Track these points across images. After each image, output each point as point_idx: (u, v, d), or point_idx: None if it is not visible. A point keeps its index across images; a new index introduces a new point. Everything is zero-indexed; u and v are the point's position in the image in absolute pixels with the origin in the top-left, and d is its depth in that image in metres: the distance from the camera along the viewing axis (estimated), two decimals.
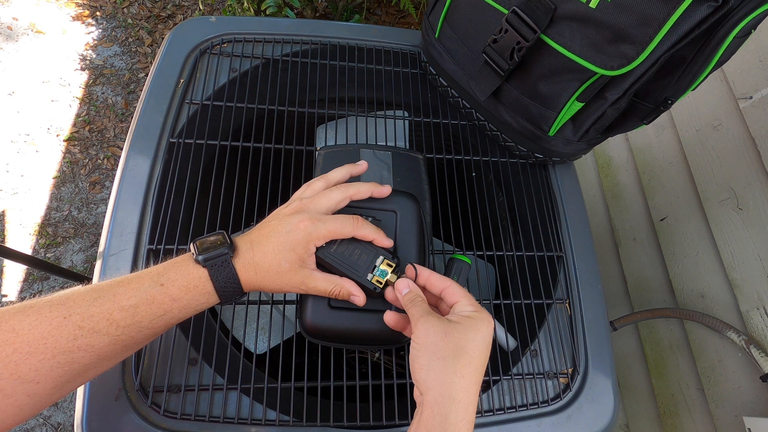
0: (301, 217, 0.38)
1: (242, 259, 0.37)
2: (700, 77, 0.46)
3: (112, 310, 0.33)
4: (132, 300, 0.34)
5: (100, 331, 0.32)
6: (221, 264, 0.36)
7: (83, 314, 0.32)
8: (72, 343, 0.31)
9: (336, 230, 0.39)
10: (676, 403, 0.82)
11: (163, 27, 1.79)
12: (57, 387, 0.32)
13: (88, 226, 1.42)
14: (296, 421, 0.45)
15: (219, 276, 0.36)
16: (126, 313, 0.33)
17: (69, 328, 0.31)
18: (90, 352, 0.32)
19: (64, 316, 0.32)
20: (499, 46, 0.51)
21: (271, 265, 0.37)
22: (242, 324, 0.53)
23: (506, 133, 0.61)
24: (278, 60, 0.63)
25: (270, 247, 0.38)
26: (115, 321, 0.33)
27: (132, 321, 0.33)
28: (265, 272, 0.37)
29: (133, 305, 0.34)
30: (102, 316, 0.32)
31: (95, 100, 1.61)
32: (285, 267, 0.37)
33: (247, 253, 0.38)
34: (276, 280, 0.38)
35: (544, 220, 0.60)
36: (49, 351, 0.30)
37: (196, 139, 0.56)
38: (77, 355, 0.32)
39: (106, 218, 0.51)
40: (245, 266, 0.37)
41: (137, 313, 0.34)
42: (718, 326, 0.72)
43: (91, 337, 0.32)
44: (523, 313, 0.54)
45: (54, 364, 0.31)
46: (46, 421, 1.17)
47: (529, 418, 0.49)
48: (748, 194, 0.73)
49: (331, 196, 0.41)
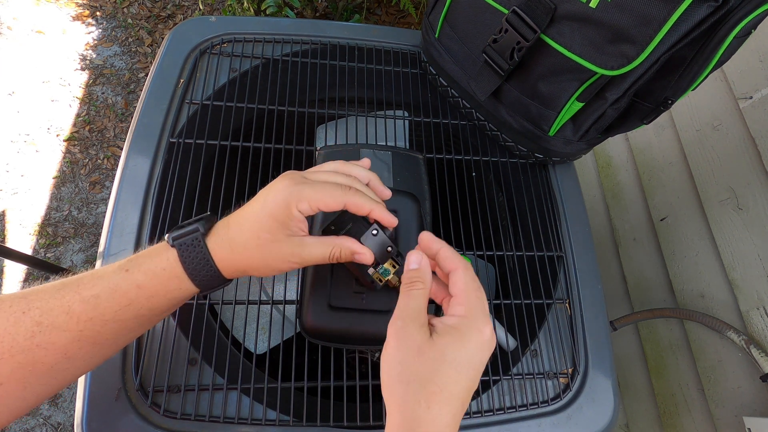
0: (283, 180, 0.33)
1: (217, 237, 0.33)
2: (700, 77, 0.46)
3: (72, 302, 0.29)
4: (94, 290, 0.30)
5: (60, 326, 0.29)
6: (191, 243, 0.32)
7: (42, 308, 0.29)
8: (30, 341, 0.28)
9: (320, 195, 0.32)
10: (676, 403, 0.82)
11: (163, 27, 1.79)
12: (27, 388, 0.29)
13: (88, 226, 1.42)
14: (296, 421, 0.45)
15: (189, 256, 0.31)
16: (87, 305, 0.29)
17: (26, 325, 0.28)
18: (51, 350, 0.29)
19: (23, 311, 0.29)
20: (499, 46, 0.51)
21: (249, 239, 0.32)
22: (242, 324, 0.53)
23: (506, 133, 0.61)
24: (278, 60, 0.63)
25: (247, 218, 0.32)
26: (75, 314, 0.29)
27: (94, 313, 0.30)
28: (243, 248, 0.32)
29: (94, 295, 0.30)
30: (61, 309, 0.29)
31: (95, 100, 1.61)
32: (266, 237, 0.32)
33: (222, 230, 0.33)
34: (256, 256, 0.32)
35: (544, 220, 0.60)
36: (6, 350, 0.28)
37: (196, 139, 0.56)
38: (38, 354, 0.28)
39: (106, 218, 0.51)
40: (220, 244, 0.32)
41: (99, 305, 0.30)
42: (718, 326, 0.72)
43: (51, 333, 0.28)
44: (523, 313, 0.54)
45: (15, 365, 0.28)
46: (46, 421, 1.17)
47: (529, 418, 0.49)
48: (748, 194, 0.73)
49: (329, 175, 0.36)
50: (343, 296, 0.42)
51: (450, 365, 0.28)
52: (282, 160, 0.57)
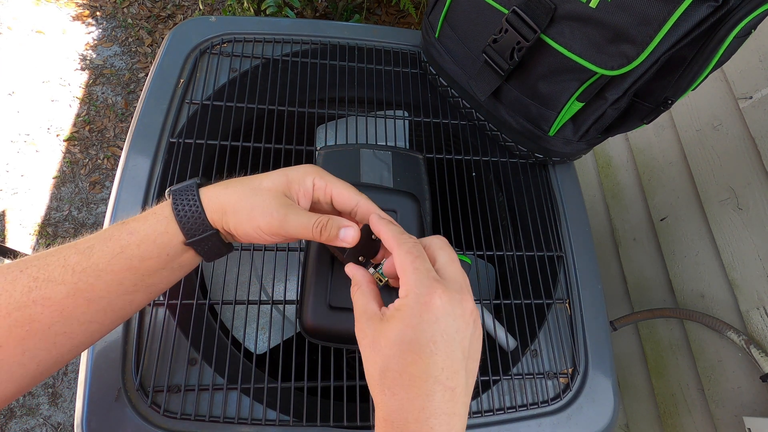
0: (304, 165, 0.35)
1: (212, 191, 0.33)
2: (700, 77, 0.46)
3: (68, 255, 0.30)
4: (90, 242, 0.31)
5: (55, 279, 0.29)
6: (186, 190, 0.32)
7: (39, 265, 0.29)
8: (26, 296, 0.28)
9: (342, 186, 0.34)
10: (676, 403, 0.82)
11: (163, 27, 1.79)
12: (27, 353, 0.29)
13: (88, 226, 1.42)
14: (296, 421, 0.45)
15: (181, 202, 0.32)
16: (82, 255, 0.30)
17: (24, 281, 0.29)
18: (48, 306, 0.29)
19: (20, 269, 0.29)
20: (499, 46, 0.51)
21: (247, 181, 0.32)
22: (242, 324, 0.53)
23: (506, 133, 0.61)
24: (278, 60, 0.63)
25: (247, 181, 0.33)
26: (70, 266, 0.30)
27: (87, 264, 0.30)
28: (238, 183, 0.32)
29: (89, 246, 0.30)
30: (57, 263, 0.30)
31: (95, 100, 1.61)
32: (265, 185, 0.32)
33: (218, 187, 0.33)
34: (245, 197, 0.32)
35: (544, 220, 0.60)
36: (3, 308, 0.28)
37: (196, 139, 0.56)
38: (34, 310, 0.28)
39: (106, 218, 0.51)
40: (213, 197, 0.33)
41: (92, 254, 0.30)
42: (718, 326, 0.72)
43: (47, 287, 0.29)
44: (523, 313, 0.54)
45: (11, 323, 0.28)
46: (46, 421, 1.17)
47: (529, 418, 0.49)
48: (748, 194, 0.73)
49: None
50: (343, 296, 0.42)
51: (401, 347, 0.26)
52: (282, 160, 0.57)
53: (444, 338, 0.26)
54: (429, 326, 0.26)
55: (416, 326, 0.26)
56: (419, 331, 0.26)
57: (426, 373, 0.26)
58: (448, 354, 0.26)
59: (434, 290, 0.27)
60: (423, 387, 0.26)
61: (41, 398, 1.20)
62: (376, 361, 0.27)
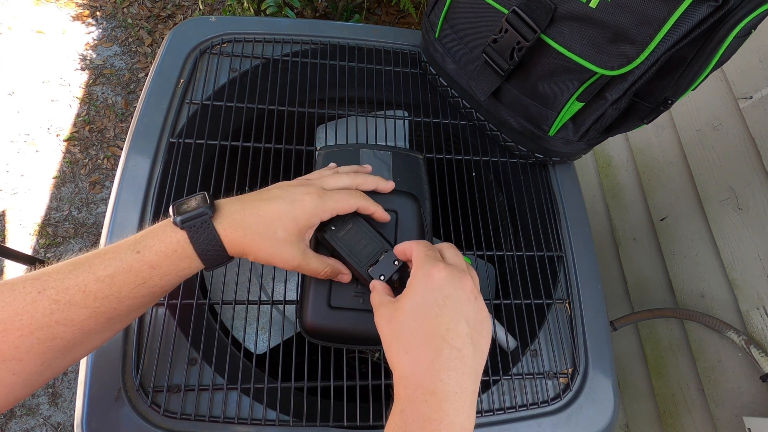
0: (307, 189, 0.37)
1: (229, 219, 0.35)
2: (700, 77, 0.46)
3: (87, 281, 0.31)
4: (108, 270, 0.32)
5: (77, 303, 0.31)
6: (201, 225, 0.34)
7: (58, 287, 0.31)
8: (49, 317, 0.30)
9: (341, 205, 0.38)
10: (676, 403, 0.82)
11: (163, 27, 1.79)
12: (45, 363, 0.31)
13: (88, 226, 1.42)
14: (296, 421, 0.45)
15: (199, 238, 0.34)
16: (102, 284, 0.32)
17: (44, 303, 0.30)
18: (70, 326, 0.31)
19: (39, 290, 0.30)
20: (499, 45, 0.51)
21: (265, 230, 0.35)
22: (242, 324, 0.53)
23: (506, 133, 0.61)
24: (278, 60, 0.63)
25: (269, 211, 0.36)
26: (91, 292, 0.31)
27: (110, 291, 0.32)
28: (257, 235, 0.35)
29: (109, 275, 0.32)
30: (77, 288, 0.31)
31: (95, 100, 1.61)
32: (281, 235, 0.36)
33: (236, 214, 0.36)
34: (266, 247, 0.36)
35: (544, 220, 0.60)
36: (26, 327, 0.29)
37: (196, 139, 0.56)
38: (57, 329, 0.30)
39: (106, 218, 0.51)
40: (233, 226, 0.35)
41: (114, 284, 0.32)
42: (718, 326, 0.72)
43: (69, 310, 0.30)
44: (523, 313, 0.54)
45: (34, 341, 0.29)
46: (46, 421, 1.17)
47: (529, 418, 0.49)
48: (748, 194, 0.73)
49: (339, 179, 0.41)
50: (343, 296, 0.42)
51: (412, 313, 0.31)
52: (282, 160, 0.57)
53: (447, 303, 0.31)
54: (433, 293, 0.31)
55: (423, 293, 0.32)
56: (425, 297, 0.31)
57: (434, 332, 0.30)
58: (452, 317, 0.31)
59: (436, 265, 0.33)
60: (432, 343, 0.30)
61: (41, 398, 1.20)
62: (393, 330, 0.32)
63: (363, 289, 0.42)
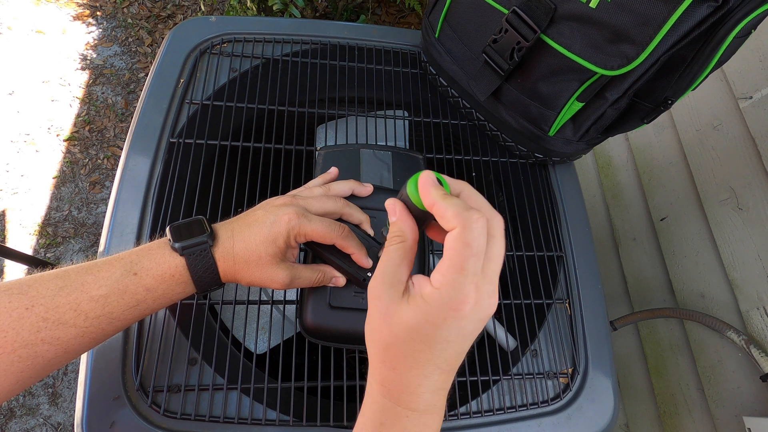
0: (288, 210, 0.37)
1: (221, 248, 0.35)
2: (700, 77, 0.46)
3: (80, 300, 0.30)
4: (102, 290, 0.31)
5: (67, 322, 0.30)
6: (200, 253, 0.34)
7: (47, 305, 0.29)
8: (35, 335, 0.29)
9: (319, 232, 0.37)
10: (676, 403, 0.82)
11: (163, 27, 1.79)
12: (20, 382, 0.29)
13: (88, 226, 1.42)
14: (296, 421, 0.45)
15: (197, 265, 0.34)
16: (96, 303, 0.31)
17: (32, 319, 0.29)
18: (55, 345, 0.30)
19: (26, 306, 0.29)
20: (499, 46, 0.51)
21: (250, 256, 0.35)
22: (242, 324, 0.53)
23: (506, 133, 0.61)
24: (278, 60, 0.63)
25: (252, 236, 0.36)
26: (83, 312, 0.30)
27: (102, 312, 0.31)
28: (244, 263, 0.35)
29: (103, 295, 0.31)
30: (69, 306, 0.30)
31: (95, 100, 1.61)
32: (265, 259, 0.36)
33: (227, 242, 0.36)
34: (254, 272, 0.36)
35: (544, 220, 0.60)
36: (8, 344, 0.28)
37: (196, 139, 0.56)
38: (41, 348, 0.29)
39: (106, 218, 0.51)
40: (224, 255, 0.35)
41: (108, 304, 0.31)
42: (718, 326, 0.72)
43: (57, 329, 0.29)
44: (523, 313, 0.54)
45: (15, 359, 0.28)
46: (46, 421, 1.17)
47: (529, 418, 0.49)
48: (748, 194, 0.73)
49: (325, 203, 0.40)
50: (343, 296, 0.42)
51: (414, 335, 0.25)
52: (282, 160, 0.57)
53: (458, 338, 0.26)
54: (449, 329, 0.25)
55: (437, 325, 0.25)
56: (438, 330, 0.25)
57: (430, 361, 0.26)
58: (456, 350, 0.26)
59: (468, 298, 0.25)
60: (424, 370, 0.26)
61: (41, 398, 1.20)
62: (383, 333, 0.27)
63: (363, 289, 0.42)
